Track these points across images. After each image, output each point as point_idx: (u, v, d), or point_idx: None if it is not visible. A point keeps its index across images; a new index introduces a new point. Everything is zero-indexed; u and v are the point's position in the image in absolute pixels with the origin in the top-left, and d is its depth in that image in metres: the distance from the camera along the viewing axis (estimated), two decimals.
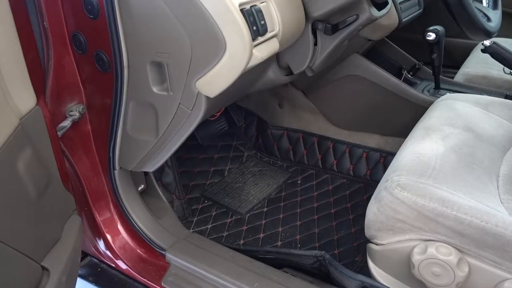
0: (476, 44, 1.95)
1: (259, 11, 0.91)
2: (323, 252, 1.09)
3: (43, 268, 0.83)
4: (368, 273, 1.00)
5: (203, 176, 1.66)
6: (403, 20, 1.49)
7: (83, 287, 1.24)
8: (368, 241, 0.99)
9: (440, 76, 1.66)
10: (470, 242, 0.84)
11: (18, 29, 0.78)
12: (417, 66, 1.80)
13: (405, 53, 1.82)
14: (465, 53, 1.95)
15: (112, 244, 1.20)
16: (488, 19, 1.71)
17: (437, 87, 1.68)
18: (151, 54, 0.95)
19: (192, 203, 1.54)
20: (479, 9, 1.67)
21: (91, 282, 1.24)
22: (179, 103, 0.99)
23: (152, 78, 0.99)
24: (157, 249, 1.19)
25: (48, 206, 0.85)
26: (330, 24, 1.12)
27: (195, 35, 0.88)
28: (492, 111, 1.21)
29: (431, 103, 1.33)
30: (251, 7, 0.90)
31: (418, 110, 1.46)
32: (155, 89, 1.00)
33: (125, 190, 1.19)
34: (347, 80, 1.63)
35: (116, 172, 1.15)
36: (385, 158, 1.59)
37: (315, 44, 1.18)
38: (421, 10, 1.66)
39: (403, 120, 1.56)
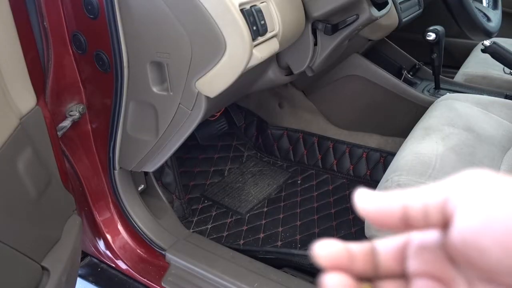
0: (476, 44, 1.94)
1: (259, 11, 0.91)
2: None
3: (43, 268, 0.83)
4: None
5: (203, 176, 1.66)
6: (403, 20, 1.49)
7: (83, 287, 1.24)
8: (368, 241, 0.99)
9: (440, 76, 1.66)
10: None
11: (18, 29, 0.78)
12: (417, 66, 1.80)
13: (405, 53, 1.82)
14: (465, 53, 1.95)
15: (112, 244, 1.20)
16: (488, 19, 1.71)
17: (437, 87, 1.68)
18: (151, 54, 0.95)
19: (192, 203, 1.54)
20: (479, 9, 1.67)
21: (91, 282, 1.24)
22: (179, 103, 0.99)
23: (152, 78, 0.99)
24: (157, 249, 1.19)
25: (48, 206, 0.85)
26: (330, 24, 1.12)
27: (195, 35, 0.88)
28: (492, 111, 1.21)
29: (431, 103, 1.32)
30: (251, 7, 0.90)
31: (418, 110, 1.46)
32: (155, 89, 1.00)
33: (125, 190, 1.19)
34: (347, 80, 1.63)
35: (116, 172, 1.15)
36: (385, 158, 1.59)
37: (315, 44, 1.17)
38: (421, 10, 1.66)
39: (403, 120, 1.56)
